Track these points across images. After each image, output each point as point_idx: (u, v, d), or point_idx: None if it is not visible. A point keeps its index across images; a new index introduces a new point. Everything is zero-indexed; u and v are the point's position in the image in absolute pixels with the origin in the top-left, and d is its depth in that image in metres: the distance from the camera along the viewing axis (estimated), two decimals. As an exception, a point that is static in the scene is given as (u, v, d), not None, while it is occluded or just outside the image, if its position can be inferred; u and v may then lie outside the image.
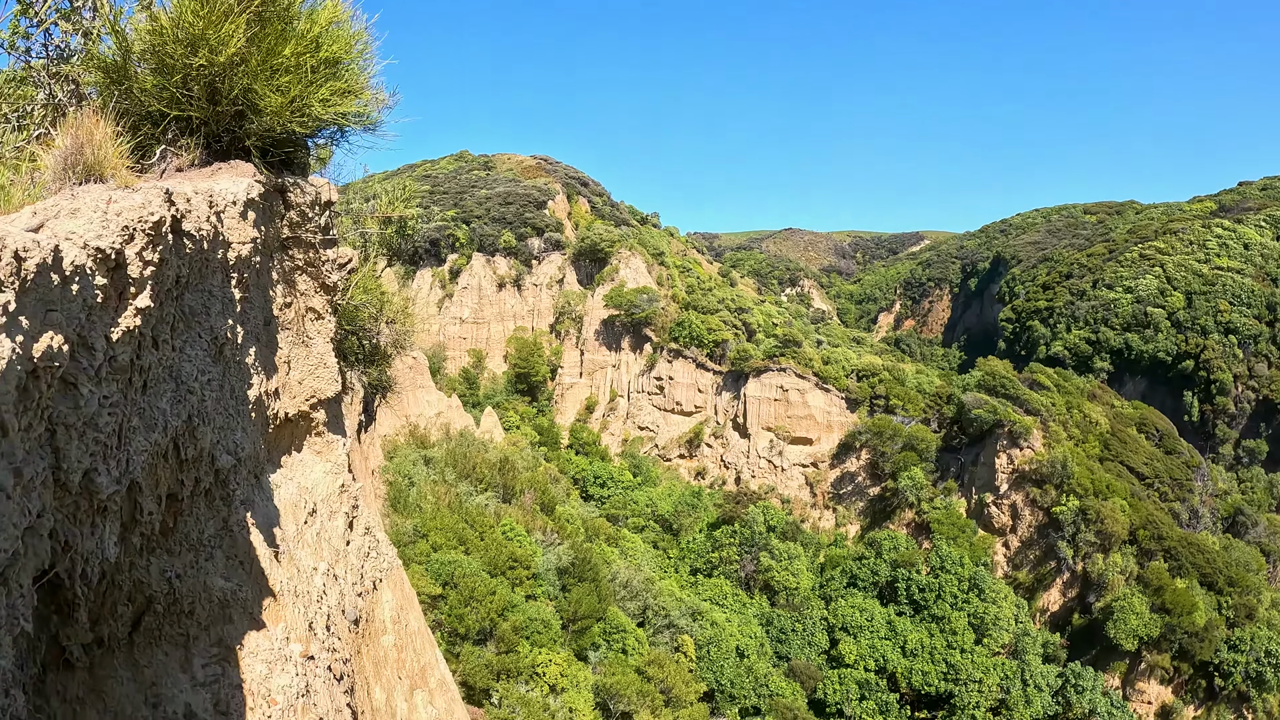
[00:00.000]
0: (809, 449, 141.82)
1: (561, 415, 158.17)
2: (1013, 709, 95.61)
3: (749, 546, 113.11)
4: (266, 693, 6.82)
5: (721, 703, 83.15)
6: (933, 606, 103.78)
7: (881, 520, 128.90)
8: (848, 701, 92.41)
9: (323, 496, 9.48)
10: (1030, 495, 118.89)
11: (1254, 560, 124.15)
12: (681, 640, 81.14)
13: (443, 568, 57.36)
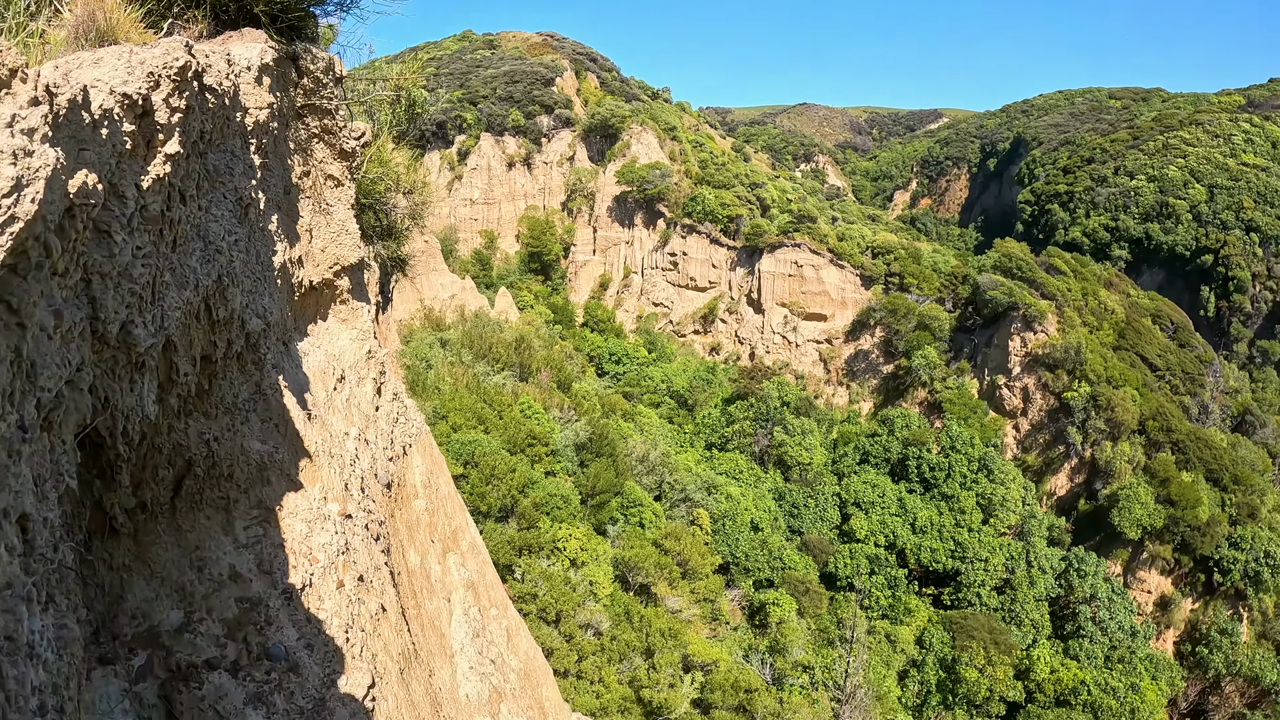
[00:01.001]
0: (823, 325, 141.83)
1: (575, 293, 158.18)
2: (1017, 589, 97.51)
3: (763, 422, 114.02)
4: (308, 551, 6.91)
5: (736, 575, 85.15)
6: (942, 485, 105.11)
7: (894, 398, 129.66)
8: (858, 575, 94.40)
9: (350, 363, 9.48)
10: (1042, 379, 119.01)
11: (1260, 461, 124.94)
12: (697, 514, 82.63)
13: (463, 447, 58.13)
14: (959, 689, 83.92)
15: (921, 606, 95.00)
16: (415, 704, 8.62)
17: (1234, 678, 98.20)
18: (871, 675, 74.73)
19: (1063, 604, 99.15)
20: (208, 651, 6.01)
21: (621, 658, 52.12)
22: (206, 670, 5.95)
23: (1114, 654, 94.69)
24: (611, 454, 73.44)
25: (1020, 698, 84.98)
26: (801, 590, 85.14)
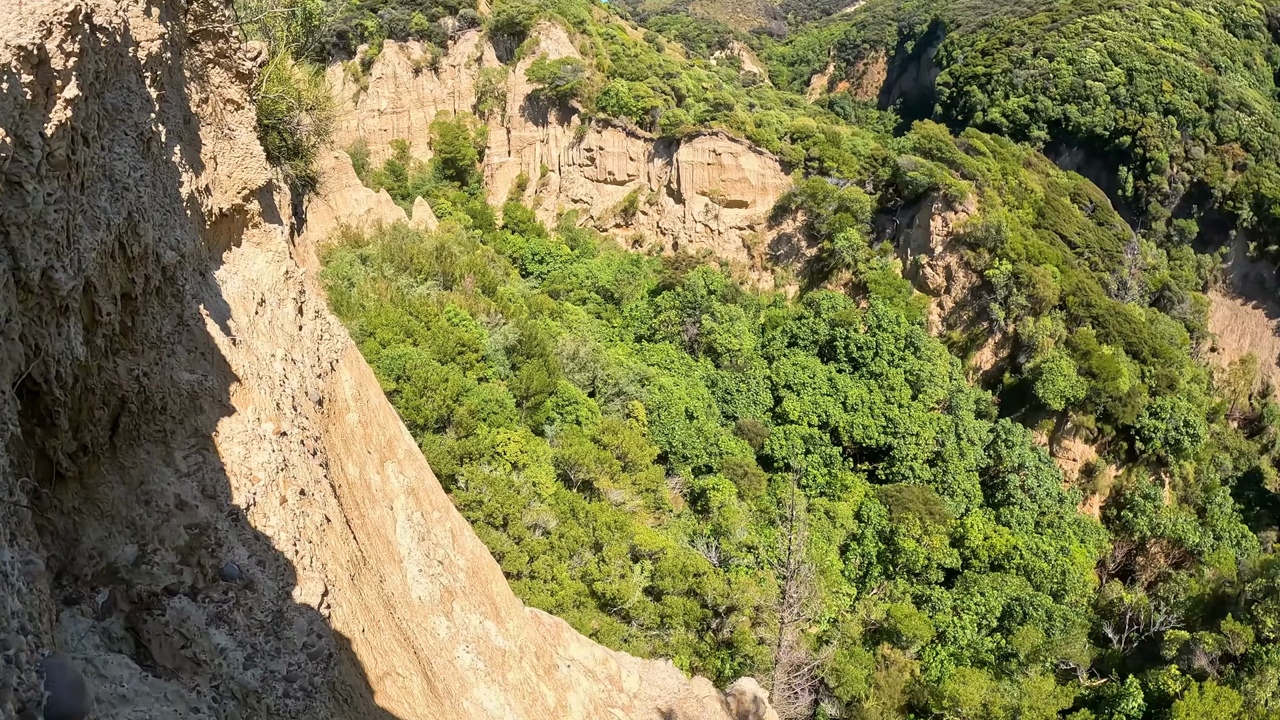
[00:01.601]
0: (744, 212, 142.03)
1: (493, 196, 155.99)
2: (947, 460, 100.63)
3: (690, 310, 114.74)
4: (248, 471, 7.17)
5: (675, 463, 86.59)
6: (871, 364, 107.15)
7: (819, 281, 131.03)
8: (794, 455, 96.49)
9: (269, 286, 9.59)
10: (964, 258, 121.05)
11: (1178, 334, 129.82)
12: (632, 406, 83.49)
13: (394, 362, 57.83)
14: (898, 559, 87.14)
15: (857, 482, 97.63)
16: (369, 608, 9.01)
17: (1158, 539, 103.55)
18: (814, 551, 77.14)
19: (992, 474, 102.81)
20: (165, 579, 6.28)
21: (571, 554, 53.20)
22: (167, 597, 6.23)
23: (1043, 519, 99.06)
24: (542, 354, 73.57)
25: (957, 564, 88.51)
26: (740, 474, 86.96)
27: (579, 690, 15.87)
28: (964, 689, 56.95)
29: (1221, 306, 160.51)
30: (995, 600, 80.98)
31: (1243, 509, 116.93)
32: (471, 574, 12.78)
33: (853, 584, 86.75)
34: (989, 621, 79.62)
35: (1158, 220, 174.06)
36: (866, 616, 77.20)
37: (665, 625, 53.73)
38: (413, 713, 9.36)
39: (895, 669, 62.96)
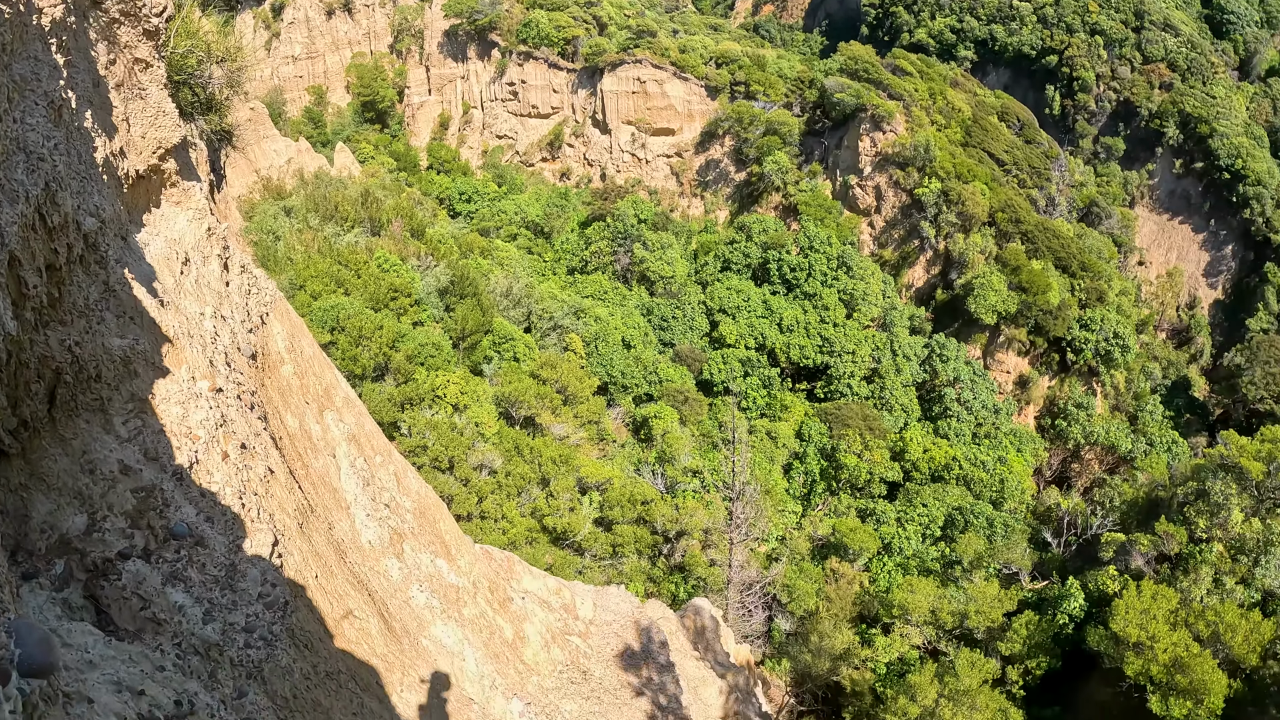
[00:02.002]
0: (672, 139, 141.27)
1: (416, 137, 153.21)
2: (884, 377, 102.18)
3: (622, 240, 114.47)
4: (188, 430, 7.29)
5: (615, 393, 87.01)
6: (804, 285, 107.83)
7: (749, 205, 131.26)
8: (732, 379, 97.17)
9: (192, 244, 9.59)
10: (893, 177, 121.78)
11: (1106, 249, 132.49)
12: (569, 339, 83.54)
13: (326, 314, 57.09)
14: (841, 475, 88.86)
15: (797, 402, 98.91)
16: (320, 554, 9.21)
17: (1092, 446, 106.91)
18: (758, 471, 78.32)
19: (929, 388, 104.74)
20: (117, 544, 6.42)
21: (519, 491, 53.54)
22: (121, 561, 6.38)
23: (980, 430, 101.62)
24: (475, 294, 73.07)
25: (898, 477, 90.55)
26: (680, 400, 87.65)
27: (535, 621, 16.29)
28: (912, 597, 58.48)
29: (1148, 222, 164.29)
30: (937, 510, 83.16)
31: (1172, 416, 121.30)
32: (419, 515, 13.02)
33: (798, 502, 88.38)
34: (932, 531, 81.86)
35: (1085, 138, 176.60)
36: (813, 532, 78.90)
37: (617, 554, 54.53)
38: (372, 653, 9.64)
39: (844, 581, 64.51)
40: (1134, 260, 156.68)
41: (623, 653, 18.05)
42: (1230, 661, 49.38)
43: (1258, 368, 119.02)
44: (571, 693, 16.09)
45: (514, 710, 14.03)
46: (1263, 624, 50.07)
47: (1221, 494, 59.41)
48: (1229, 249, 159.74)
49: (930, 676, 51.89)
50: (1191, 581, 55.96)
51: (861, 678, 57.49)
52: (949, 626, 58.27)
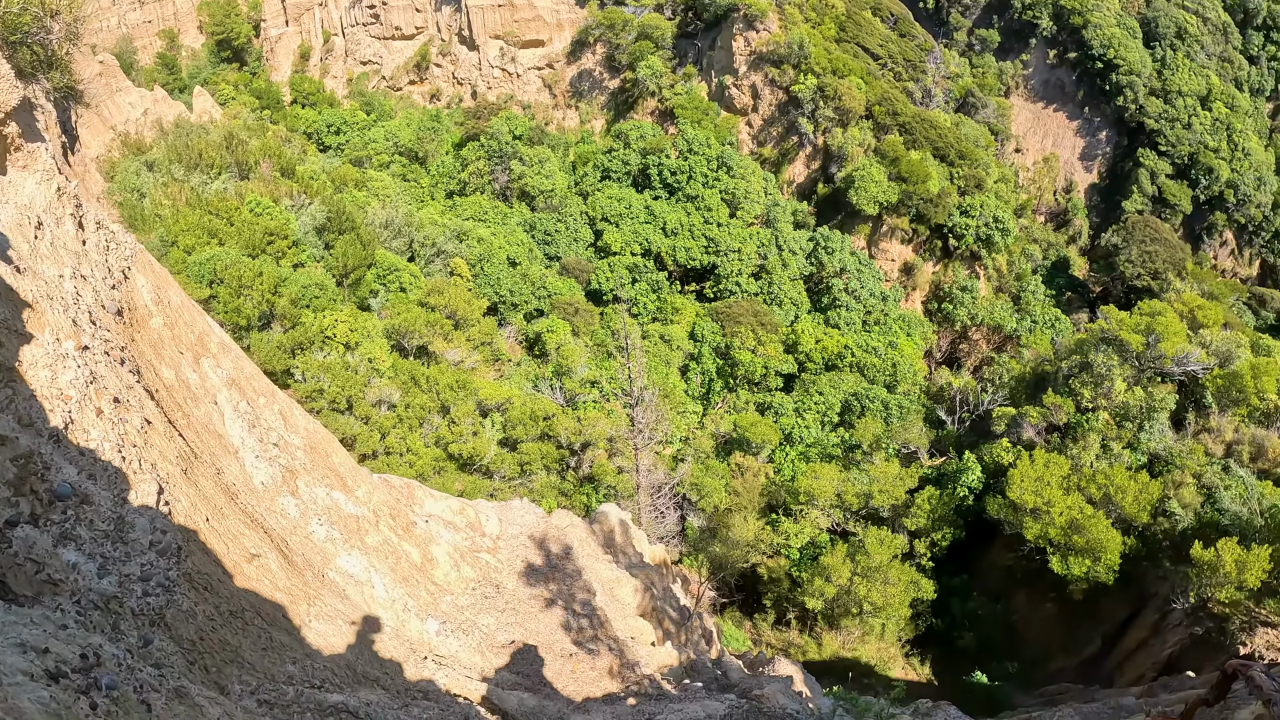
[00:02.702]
0: (542, 51, 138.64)
1: (277, 72, 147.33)
2: (771, 272, 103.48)
3: (498, 158, 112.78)
4: (59, 392, 7.32)
5: (505, 313, 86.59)
6: (686, 188, 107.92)
7: (625, 112, 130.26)
8: (621, 286, 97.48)
9: (43, 206, 9.42)
10: (769, 76, 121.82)
11: (983, 137, 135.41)
12: (454, 264, 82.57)
13: (203, 267, 55.35)
14: (737, 371, 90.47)
15: (687, 304, 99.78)
16: (209, 498, 9.33)
17: (978, 327, 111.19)
18: (655, 376, 79.30)
19: (816, 280, 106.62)
20: (4, 514, 6.48)
21: (421, 422, 53.44)
22: (9, 529, 6.45)
23: (870, 318, 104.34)
24: (354, 228, 71.52)
25: (793, 369, 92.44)
26: (571, 312, 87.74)
27: (442, 542, 16.62)
28: (817, 483, 60.31)
29: (1024, 111, 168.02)
30: (834, 398, 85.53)
31: (1054, 295, 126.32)
32: (310, 450, 13.13)
33: (697, 401, 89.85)
34: (830, 418, 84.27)
35: (959, 30, 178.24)
36: (715, 430, 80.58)
37: (526, 473, 55.03)
38: (275, 588, 9.86)
39: (750, 474, 66.25)
40: (1011, 148, 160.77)
41: (532, 563, 18.55)
42: (1123, 520, 52.32)
43: (1134, 246, 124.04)
44: (486, 607, 16.54)
45: (430, 630, 14.42)
46: (1150, 484, 53.08)
47: (1104, 365, 62.28)
48: (1103, 135, 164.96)
49: (842, 557, 53.98)
50: (1081, 448, 58.86)
51: (777, 565, 59.51)
52: (855, 508, 60.42)
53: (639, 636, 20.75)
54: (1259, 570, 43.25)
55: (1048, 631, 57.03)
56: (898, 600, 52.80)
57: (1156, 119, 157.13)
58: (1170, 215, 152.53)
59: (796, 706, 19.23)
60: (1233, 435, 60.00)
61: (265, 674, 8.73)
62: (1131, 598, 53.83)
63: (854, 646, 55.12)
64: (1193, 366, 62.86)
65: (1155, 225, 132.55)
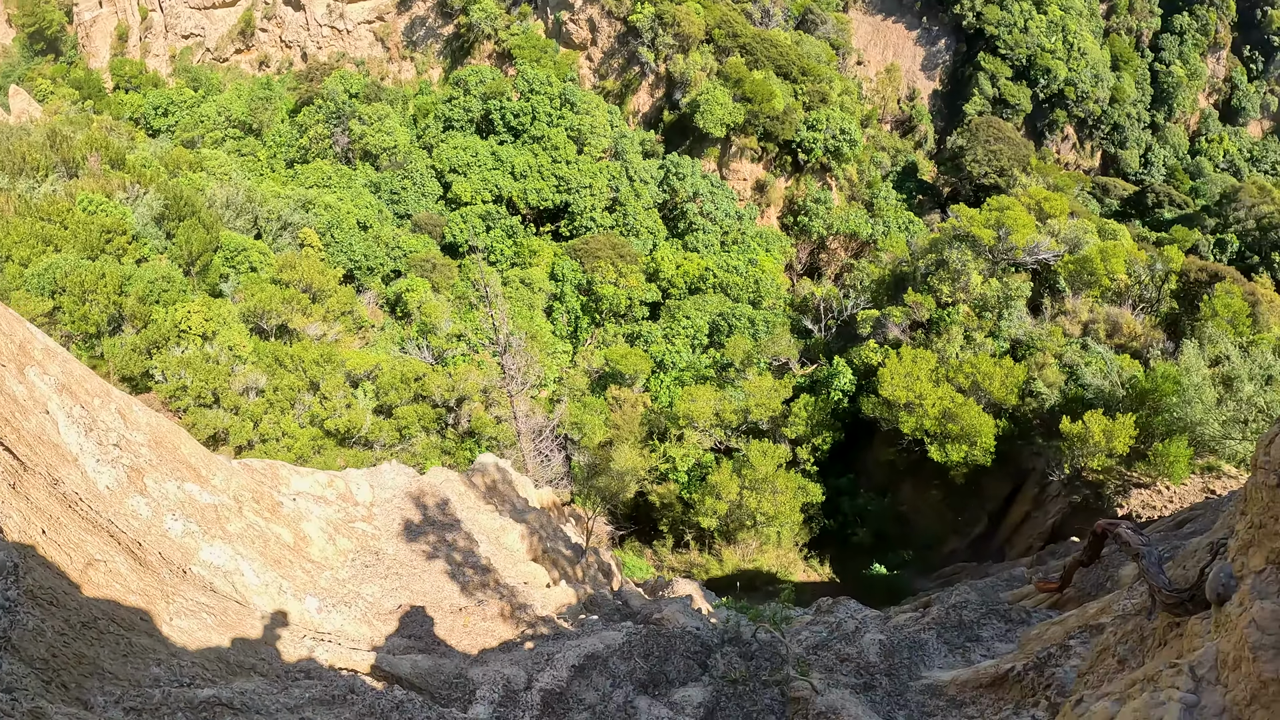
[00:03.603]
0: (371, 3, 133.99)
1: (95, 58, 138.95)
2: (625, 204, 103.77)
3: (336, 120, 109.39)
4: None
5: (362, 278, 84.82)
6: (531, 129, 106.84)
7: (462, 58, 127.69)
8: (475, 236, 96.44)
9: None
10: (606, 7, 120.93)
11: (824, 53, 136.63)
12: (303, 235, 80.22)
13: (41, 278, 52.51)
14: (602, 306, 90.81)
15: (544, 245, 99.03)
16: (43, 510, 9.00)
17: (835, 236, 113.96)
18: (520, 321, 79.05)
19: (670, 207, 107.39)
20: None
21: (292, 403, 52.25)
22: None
23: (727, 239, 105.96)
24: (195, 212, 68.58)
25: (657, 297, 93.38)
26: (429, 269, 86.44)
27: (313, 518, 16.40)
28: (694, 405, 61.40)
29: (863, 24, 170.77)
30: (701, 320, 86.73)
31: (905, 199, 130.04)
32: (155, 445, 12.75)
33: (566, 341, 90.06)
34: (700, 340, 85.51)
35: None
36: (588, 366, 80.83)
37: (406, 437, 54.50)
38: (129, 590, 9.61)
39: (628, 406, 66.85)
40: (853, 61, 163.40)
41: (408, 523, 18.48)
42: (993, 405, 54.87)
43: (978, 147, 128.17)
44: (368, 576, 16.45)
45: (309, 608, 14.28)
46: (1015, 368, 55.72)
47: (959, 261, 64.77)
48: (943, 43, 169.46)
49: (729, 473, 55.26)
50: (946, 341, 61.31)
51: (667, 490, 60.52)
52: (735, 424, 61.76)
53: (532, 580, 20.93)
54: (1125, 437, 45.92)
55: (936, 517, 59.59)
56: (788, 507, 54.37)
57: (994, 24, 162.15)
58: (1012, 115, 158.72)
59: (695, 623, 19.73)
60: (1088, 315, 63.26)
61: (129, 681, 8.55)
62: (1010, 476, 56.67)
63: (754, 558, 56.58)
64: (1044, 255, 65.91)
65: (998, 125, 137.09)
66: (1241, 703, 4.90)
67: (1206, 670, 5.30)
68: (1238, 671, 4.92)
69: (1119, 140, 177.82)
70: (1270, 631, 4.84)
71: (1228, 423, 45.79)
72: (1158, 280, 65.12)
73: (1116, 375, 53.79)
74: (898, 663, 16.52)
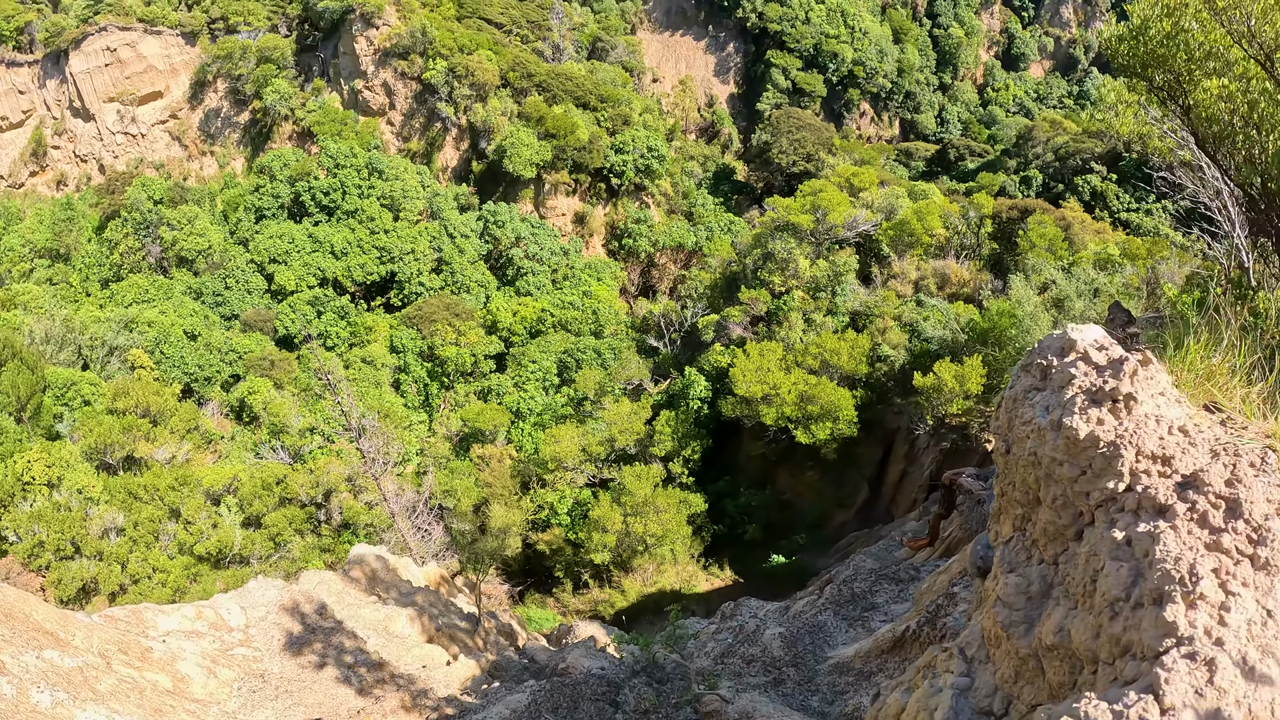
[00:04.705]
0: (162, 102, 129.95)
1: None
2: (450, 262, 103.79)
3: (145, 230, 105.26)
4: None
5: (201, 389, 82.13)
6: (343, 204, 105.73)
7: (262, 144, 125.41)
8: (307, 324, 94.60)
9: None
10: (399, 69, 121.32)
11: (620, 77, 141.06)
12: (131, 356, 77.33)
13: None
14: (448, 368, 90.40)
15: (378, 320, 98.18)
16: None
17: (662, 251, 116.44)
18: (369, 400, 77.84)
19: (495, 256, 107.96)
20: None
21: (156, 536, 50.16)
22: None
23: (557, 276, 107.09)
24: (15, 354, 65.20)
25: (500, 348, 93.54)
26: (267, 366, 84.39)
27: (188, 656, 16.01)
28: (559, 446, 61.53)
29: (653, 42, 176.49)
30: (547, 361, 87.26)
31: (722, 202, 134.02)
32: (5, 619, 12.35)
33: (420, 410, 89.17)
34: (551, 381, 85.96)
35: None
36: (447, 432, 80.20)
37: (281, 545, 52.98)
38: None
39: (495, 462, 66.59)
40: (648, 79, 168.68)
41: (289, 636, 18.18)
42: (846, 378, 56.76)
43: (782, 138, 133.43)
44: (257, 701, 16.14)
45: (202, 746, 13.96)
46: (859, 338, 57.88)
47: (785, 250, 66.96)
48: (731, 47, 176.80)
49: (609, 505, 55.49)
50: (788, 329, 63.22)
51: (553, 536, 60.46)
52: (604, 456, 62.10)
53: (430, 662, 20.79)
54: (976, 377, 48.09)
55: (818, 496, 61.27)
56: (675, 523, 54.92)
57: (777, 21, 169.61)
58: (809, 103, 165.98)
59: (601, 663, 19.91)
60: (916, 274, 66.36)
61: None
62: (879, 440, 58.75)
63: (654, 580, 56.90)
64: (864, 227, 68.82)
65: (797, 114, 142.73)
66: (1009, 680, 5.15)
67: (975, 649, 5.52)
68: (999, 649, 5.13)
69: (913, 106, 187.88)
70: (1017, 606, 5.04)
71: (1068, 338, 48.13)
72: (974, 227, 68.95)
73: (955, 322, 56.46)
74: (802, 650, 17.05)
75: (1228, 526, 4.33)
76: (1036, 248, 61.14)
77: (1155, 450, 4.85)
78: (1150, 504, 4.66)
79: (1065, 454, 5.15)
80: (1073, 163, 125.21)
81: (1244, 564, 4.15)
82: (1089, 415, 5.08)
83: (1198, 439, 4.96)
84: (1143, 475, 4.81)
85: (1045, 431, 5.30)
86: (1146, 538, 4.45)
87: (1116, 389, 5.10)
